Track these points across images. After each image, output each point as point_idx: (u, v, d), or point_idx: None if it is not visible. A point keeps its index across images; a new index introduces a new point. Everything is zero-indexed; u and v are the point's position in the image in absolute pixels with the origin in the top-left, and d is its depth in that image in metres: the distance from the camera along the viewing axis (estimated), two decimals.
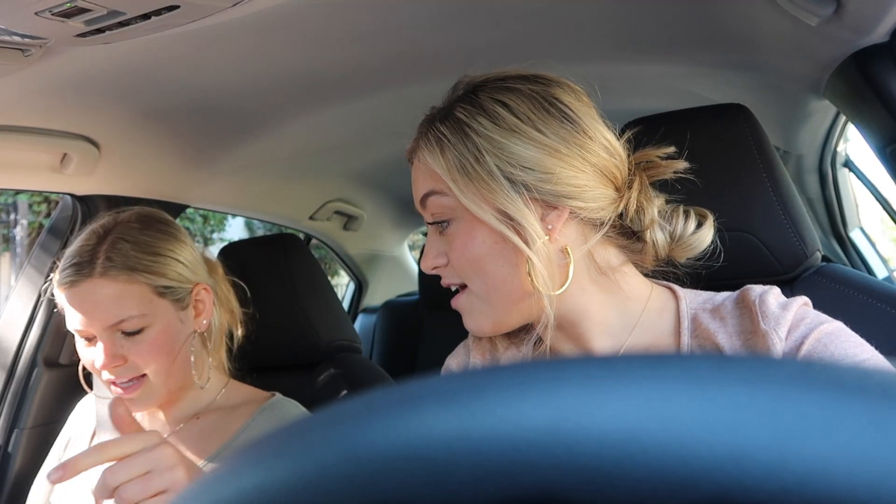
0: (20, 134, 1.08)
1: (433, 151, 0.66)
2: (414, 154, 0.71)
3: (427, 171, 0.68)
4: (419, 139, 0.70)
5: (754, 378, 0.16)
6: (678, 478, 0.14)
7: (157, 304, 0.91)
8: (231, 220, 7.55)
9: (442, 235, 0.69)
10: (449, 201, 0.66)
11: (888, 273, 2.14)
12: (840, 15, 0.77)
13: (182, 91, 1.11)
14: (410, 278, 2.84)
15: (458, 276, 0.69)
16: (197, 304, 0.99)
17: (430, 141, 0.67)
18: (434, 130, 0.67)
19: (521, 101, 0.66)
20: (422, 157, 0.69)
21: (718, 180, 0.89)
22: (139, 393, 0.91)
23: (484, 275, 0.66)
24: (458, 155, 0.64)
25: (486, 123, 0.64)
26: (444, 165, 0.65)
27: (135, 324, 0.88)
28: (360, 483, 0.16)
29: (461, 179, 0.64)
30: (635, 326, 0.68)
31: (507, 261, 0.66)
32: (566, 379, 0.17)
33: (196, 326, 0.98)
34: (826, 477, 0.14)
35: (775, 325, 0.61)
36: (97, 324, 0.87)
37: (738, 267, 0.89)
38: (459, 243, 0.67)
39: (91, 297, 0.87)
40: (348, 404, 0.19)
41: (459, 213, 0.66)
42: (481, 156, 0.63)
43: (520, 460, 0.15)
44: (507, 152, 0.63)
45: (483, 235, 0.65)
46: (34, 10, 0.67)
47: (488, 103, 0.66)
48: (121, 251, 0.89)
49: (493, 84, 0.68)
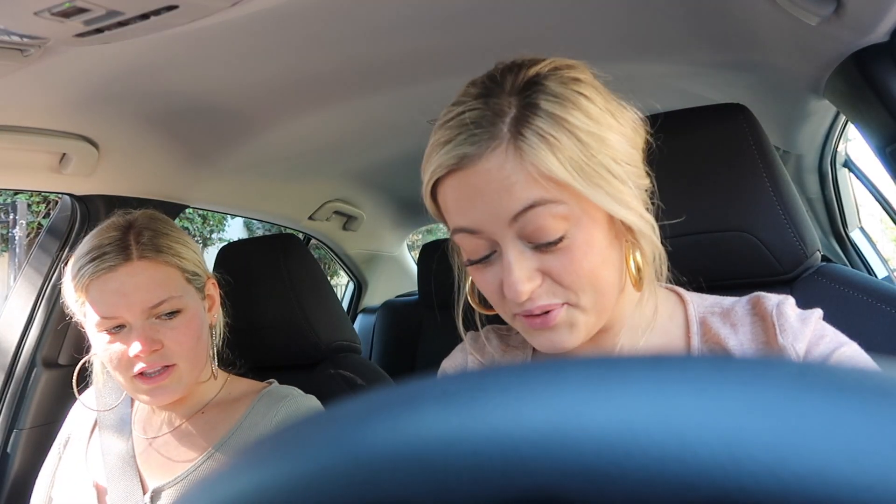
0: (19, 134, 1.08)
1: (543, 152, 0.55)
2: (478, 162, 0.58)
3: (528, 177, 0.56)
4: (497, 144, 0.57)
5: (754, 379, 0.16)
6: (678, 479, 0.14)
7: (188, 289, 0.95)
8: (230, 221, 7.56)
9: (541, 253, 0.59)
10: (564, 210, 0.57)
11: (888, 273, 2.15)
12: (840, 14, 0.77)
13: (181, 91, 1.11)
14: (410, 278, 2.85)
15: (563, 294, 0.59)
16: (208, 297, 1.01)
17: (530, 142, 0.56)
18: (530, 129, 0.56)
19: (591, 90, 0.60)
20: (518, 163, 0.56)
21: (718, 180, 0.89)
22: (169, 380, 0.91)
23: (598, 284, 0.59)
24: (570, 153, 0.56)
25: (580, 117, 0.57)
26: (561, 168, 0.55)
27: (174, 304, 0.91)
28: (360, 483, 0.16)
29: (583, 180, 0.56)
30: (648, 329, 0.67)
31: (613, 265, 0.61)
32: (566, 379, 0.17)
33: (209, 319, 1.01)
34: (826, 477, 0.14)
35: (794, 340, 0.60)
36: (137, 307, 0.88)
37: (737, 267, 0.89)
38: (578, 255, 0.58)
39: (131, 280, 0.89)
40: (348, 405, 0.19)
41: (574, 223, 0.58)
42: (591, 152, 0.56)
43: (520, 461, 0.15)
44: (609, 146, 0.58)
45: (600, 240, 0.59)
46: (33, 10, 0.67)
47: (570, 94, 0.58)
48: (150, 238, 0.92)
49: (554, 74, 0.60)
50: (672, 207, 0.90)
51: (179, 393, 0.94)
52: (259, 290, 1.26)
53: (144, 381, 0.90)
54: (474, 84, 0.63)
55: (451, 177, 0.60)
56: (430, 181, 0.62)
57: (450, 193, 0.61)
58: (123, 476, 0.94)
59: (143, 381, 0.89)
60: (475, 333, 0.80)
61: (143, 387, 0.90)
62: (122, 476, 0.94)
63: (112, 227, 0.94)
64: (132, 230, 0.93)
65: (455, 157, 0.58)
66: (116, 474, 0.94)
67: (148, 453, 0.97)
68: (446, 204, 0.62)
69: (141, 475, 0.95)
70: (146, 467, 0.95)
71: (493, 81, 0.61)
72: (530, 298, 0.59)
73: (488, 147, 0.57)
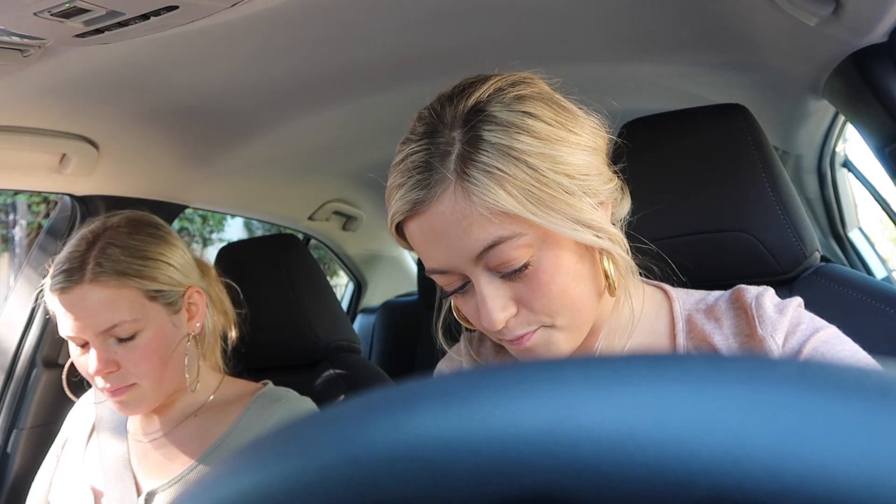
0: (19, 134, 1.08)
1: (491, 190, 0.55)
2: (430, 206, 0.58)
3: (482, 218, 0.56)
4: (446, 186, 0.57)
5: (753, 378, 0.16)
6: (677, 478, 0.14)
7: (149, 308, 0.91)
8: (230, 221, 7.55)
9: (510, 281, 0.59)
10: (526, 240, 0.57)
11: (887, 273, 2.15)
12: (839, 15, 0.77)
13: (181, 91, 1.11)
14: (409, 279, 2.85)
15: (537, 319, 0.60)
16: (190, 306, 0.98)
17: (476, 181, 0.55)
18: (475, 167, 0.56)
19: (539, 106, 0.59)
20: (469, 203, 0.56)
21: (717, 180, 0.89)
22: (129, 396, 0.90)
23: (571, 303, 0.60)
24: (521, 183, 0.55)
25: (527, 140, 0.56)
26: (512, 201, 0.55)
27: (127, 329, 0.88)
28: (360, 483, 0.16)
29: (537, 209, 0.56)
30: (633, 328, 0.68)
31: (585, 278, 0.61)
32: (565, 379, 0.17)
33: (189, 329, 0.97)
34: (825, 477, 0.14)
35: (772, 331, 0.61)
36: (89, 330, 0.87)
37: (736, 267, 0.89)
38: (545, 279, 0.58)
39: (82, 303, 0.87)
40: (347, 404, 0.19)
41: (538, 248, 0.58)
42: (543, 175, 0.56)
43: (519, 461, 0.15)
44: (562, 163, 0.57)
45: (567, 261, 0.59)
46: (33, 11, 0.67)
47: (514, 117, 0.57)
48: (110, 256, 0.89)
49: (496, 97, 0.59)
50: (671, 207, 0.90)
51: (147, 407, 0.93)
52: (258, 291, 1.26)
53: (108, 394, 0.90)
54: (420, 119, 0.63)
55: (410, 221, 0.60)
56: (391, 224, 0.62)
57: (414, 236, 0.61)
58: (119, 479, 0.94)
59: (108, 393, 0.90)
60: (470, 335, 0.80)
61: (109, 398, 0.90)
62: (118, 479, 0.94)
63: (81, 239, 0.91)
64: (97, 245, 0.90)
65: (409, 203, 0.58)
66: (112, 477, 0.94)
67: (143, 456, 0.97)
68: (415, 245, 0.62)
69: (136, 478, 0.94)
70: (141, 470, 0.95)
71: (436, 116, 0.61)
72: (507, 328, 0.60)
73: (438, 191, 0.57)
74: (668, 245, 0.82)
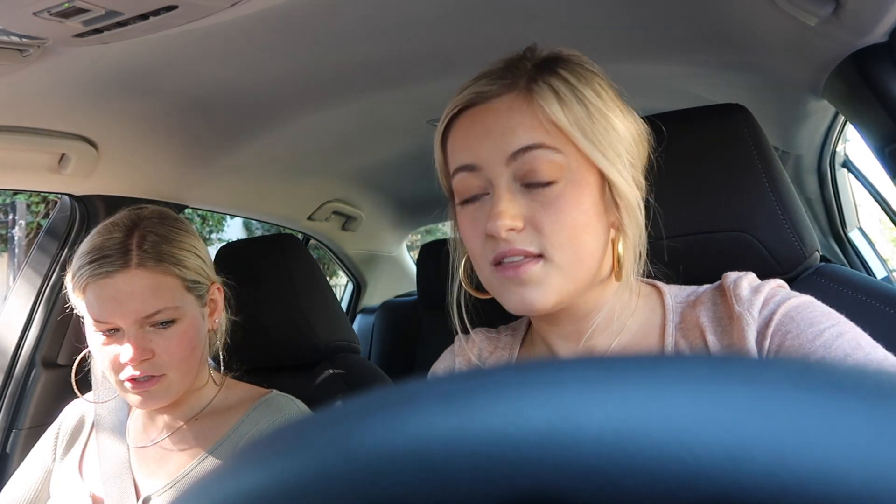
0: (18, 134, 1.08)
1: (550, 102, 0.61)
2: (492, 102, 0.64)
3: (534, 121, 0.61)
4: (513, 89, 0.63)
5: (752, 378, 0.16)
6: (676, 478, 0.14)
7: (186, 298, 0.93)
8: (229, 221, 7.56)
9: (531, 197, 0.62)
10: (560, 159, 0.61)
11: (887, 273, 2.15)
12: (839, 15, 0.77)
13: (180, 91, 1.11)
14: (409, 279, 2.85)
15: (539, 243, 0.62)
16: (211, 302, 0.99)
17: (540, 91, 0.61)
18: (543, 83, 0.62)
19: (603, 82, 0.65)
20: (527, 106, 0.62)
21: (717, 180, 0.89)
22: (157, 388, 0.90)
23: (576, 246, 0.62)
24: (575, 113, 0.61)
25: (590, 93, 0.62)
26: (564, 119, 0.60)
27: (168, 314, 0.89)
28: (359, 483, 0.16)
29: (582, 136, 0.61)
30: (627, 322, 0.69)
31: (599, 236, 0.63)
32: (565, 379, 0.17)
33: (210, 325, 0.99)
34: (825, 477, 0.14)
35: (748, 307, 0.62)
36: (130, 316, 0.87)
37: (736, 267, 0.89)
38: (563, 206, 0.61)
39: (128, 287, 0.87)
40: (347, 404, 0.19)
41: (567, 176, 0.61)
42: (595, 120, 0.61)
43: (518, 461, 0.15)
44: (613, 128, 0.63)
45: (588, 203, 0.62)
46: (32, 11, 0.67)
47: (586, 74, 0.64)
48: (153, 243, 0.90)
49: (574, 59, 0.66)
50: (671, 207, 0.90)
51: (168, 400, 0.93)
52: (258, 291, 1.26)
53: (133, 385, 0.89)
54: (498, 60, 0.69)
55: (464, 115, 0.66)
56: (445, 119, 0.67)
57: (459, 131, 0.66)
58: (118, 482, 0.94)
59: (133, 384, 0.89)
60: (464, 336, 0.80)
61: (133, 390, 0.90)
62: (117, 482, 0.94)
63: (117, 226, 0.91)
64: (136, 233, 0.90)
65: (471, 94, 0.65)
66: (111, 480, 0.94)
67: (142, 459, 0.96)
68: (454, 144, 0.67)
69: (135, 481, 0.94)
70: (140, 473, 0.95)
71: (517, 55, 0.67)
72: (507, 240, 0.62)
73: (503, 89, 0.63)
74: (668, 245, 0.82)
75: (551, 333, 0.71)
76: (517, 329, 0.81)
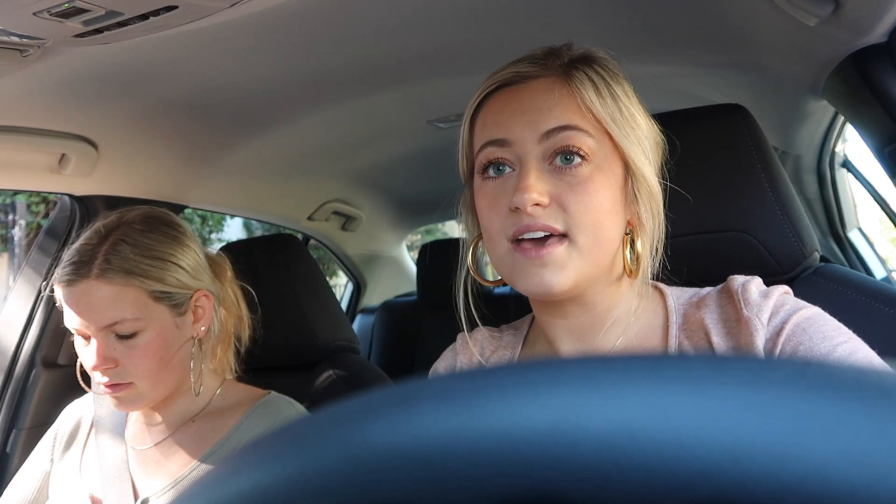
0: (18, 134, 1.08)
1: (586, 88, 0.64)
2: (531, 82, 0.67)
3: (571, 104, 0.64)
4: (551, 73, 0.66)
5: (752, 378, 0.16)
6: (676, 478, 0.14)
7: (153, 308, 0.91)
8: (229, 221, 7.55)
9: (559, 177, 0.64)
10: (591, 143, 0.63)
11: (886, 273, 2.15)
12: (838, 15, 0.77)
13: (180, 91, 1.11)
14: (409, 279, 2.85)
15: (564, 221, 0.63)
16: (196, 309, 0.97)
17: (578, 78, 0.65)
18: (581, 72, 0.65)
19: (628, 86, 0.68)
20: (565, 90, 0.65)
21: (716, 180, 0.89)
22: (125, 394, 0.90)
23: (599, 230, 0.63)
24: (607, 102, 0.64)
25: (620, 92, 0.66)
26: (597, 105, 0.64)
27: (128, 327, 0.88)
28: (359, 483, 0.16)
29: (613, 122, 0.64)
30: (630, 323, 0.69)
31: (619, 226, 0.65)
32: (565, 379, 0.17)
33: (194, 332, 0.97)
34: (825, 477, 0.14)
35: (757, 312, 0.62)
36: (91, 325, 0.88)
37: (735, 267, 0.89)
38: (591, 188, 0.63)
39: (86, 297, 0.87)
40: (347, 404, 0.19)
41: (595, 161, 0.64)
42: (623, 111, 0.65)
43: (518, 460, 0.15)
44: (638, 125, 0.66)
45: (612, 190, 0.64)
46: (32, 11, 0.67)
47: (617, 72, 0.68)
48: (120, 253, 0.89)
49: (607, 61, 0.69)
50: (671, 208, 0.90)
51: (144, 405, 0.94)
52: (258, 291, 1.26)
53: (105, 389, 0.90)
54: None
55: (500, 92, 0.67)
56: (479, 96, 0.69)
57: (493, 108, 0.67)
58: (117, 483, 0.94)
59: (105, 388, 0.90)
60: (465, 335, 0.80)
61: (106, 393, 0.91)
62: (116, 483, 0.94)
63: (95, 233, 0.92)
64: (108, 240, 0.90)
65: (510, 73, 0.67)
66: (110, 482, 0.94)
67: (141, 461, 0.96)
68: (486, 119, 0.68)
69: (133, 483, 0.94)
70: (139, 475, 0.95)
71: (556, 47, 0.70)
72: (532, 214, 0.62)
73: (542, 71, 0.66)
74: (668, 245, 0.82)
75: (557, 327, 0.71)
76: (519, 328, 0.81)
